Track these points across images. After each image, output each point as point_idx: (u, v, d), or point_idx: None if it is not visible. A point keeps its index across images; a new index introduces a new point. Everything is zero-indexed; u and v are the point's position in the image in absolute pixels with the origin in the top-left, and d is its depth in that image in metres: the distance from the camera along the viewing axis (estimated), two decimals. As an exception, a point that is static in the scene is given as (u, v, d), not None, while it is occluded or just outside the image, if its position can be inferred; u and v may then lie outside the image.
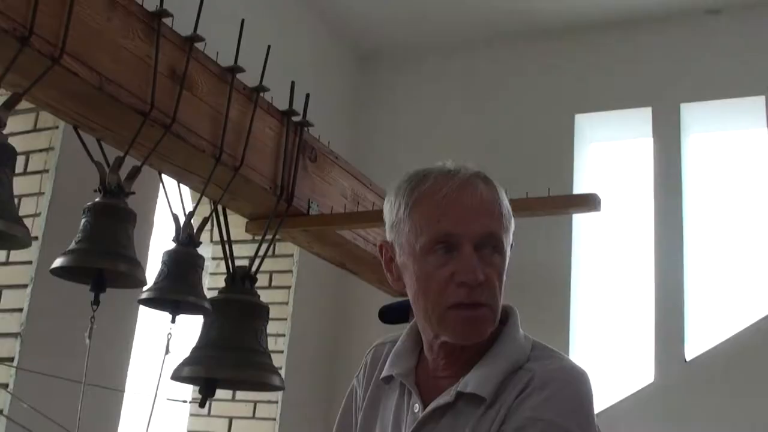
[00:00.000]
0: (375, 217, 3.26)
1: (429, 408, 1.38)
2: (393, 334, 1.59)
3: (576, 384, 1.35)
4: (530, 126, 4.75)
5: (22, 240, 2.00)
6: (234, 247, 2.92)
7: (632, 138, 4.81)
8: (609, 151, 4.88)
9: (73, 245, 2.30)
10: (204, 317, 2.73)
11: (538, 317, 4.23)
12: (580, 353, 4.33)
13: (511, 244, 1.43)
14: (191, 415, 4.33)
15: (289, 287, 4.43)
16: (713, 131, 4.67)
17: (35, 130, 3.11)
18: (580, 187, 4.50)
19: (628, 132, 4.80)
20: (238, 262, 2.89)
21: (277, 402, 4.18)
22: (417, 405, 1.41)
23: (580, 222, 4.50)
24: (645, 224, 4.38)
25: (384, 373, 1.50)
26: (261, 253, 2.86)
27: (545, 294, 4.24)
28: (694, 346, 4.17)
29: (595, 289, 4.53)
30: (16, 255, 2.89)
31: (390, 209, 1.44)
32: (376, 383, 1.53)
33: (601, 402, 4.13)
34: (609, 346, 4.43)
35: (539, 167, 4.46)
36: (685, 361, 4.13)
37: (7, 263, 2.94)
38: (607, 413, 4.01)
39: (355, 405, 1.59)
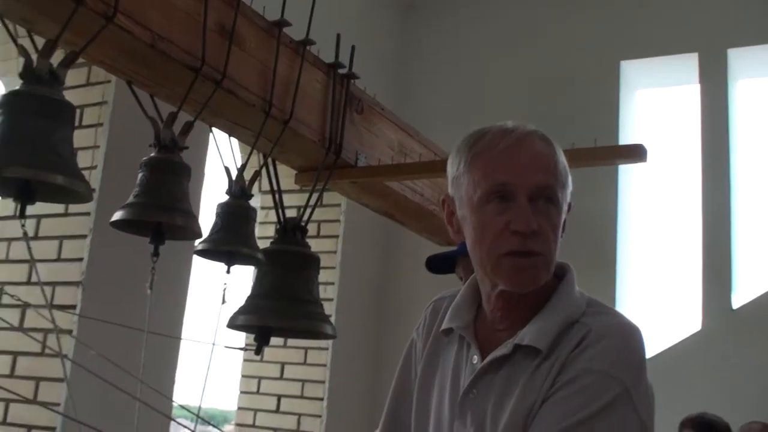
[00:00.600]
0: (422, 168, 3.31)
1: (487, 359, 1.43)
2: (452, 289, 1.63)
3: (630, 339, 1.39)
4: (575, 74, 4.72)
5: (84, 194, 2.08)
6: (283, 197, 2.99)
7: (679, 84, 4.76)
8: (655, 97, 4.84)
9: (131, 199, 2.38)
10: (257, 268, 2.81)
11: (585, 269, 4.26)
12: (627, 303, 4.35)
13: (569, 203, 1.47)
14: (245, 360, 4.48)
15: (337, 236, 4.51)
16: (761, 76, 4.60)
17: (88, 84, 3.19)
18: (626, 134, 4.48)
19: (674, 78, 4.74)
20: (287, 212, 2.96)
21: (327, 348, 4.30)
22: (476, 356, 1.46)
23: (626, 171, 4.49)
24: (692, 172, 4.35)
25: (444, 326, 1.55)
26: (309, 205, 2.92)
27: (592, 246, 4.25)
28: (741, 295, 4.17)
29: (642, 240, 4.52)
30: (75, 206, 3.00)
31: (451, 165, 1.49)
32: (435, 336, 1.58)
33: (648, 350, 4.17)
34: (657, 296, 4.44)
35: (584, 116, 4.44)
36: (732, 309, 4.14)
37: (66, 214, 3.05)
38: (655, 361, 4.04)
39: (415, 357, 1.65)
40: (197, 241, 2.66)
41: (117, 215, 2.39)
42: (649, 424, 1.36)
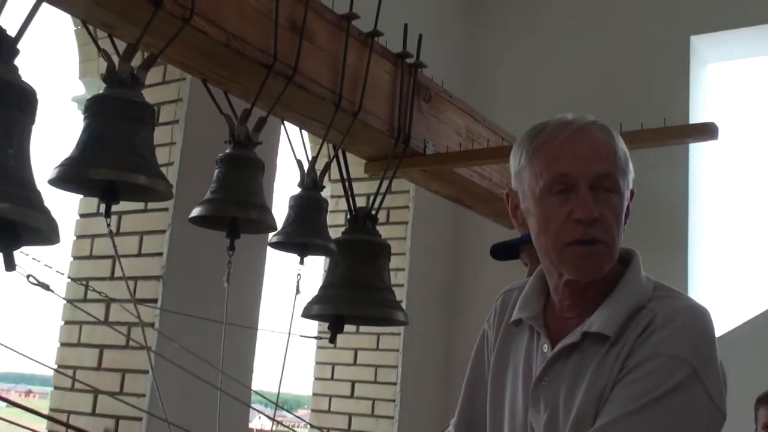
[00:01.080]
0: (490, 154, 3.32)
1: (557, 347, 1.45)
2: (521, 281, 1.66)
3: (698, 322, 1.40)
4: (643, 51, 4.65)
5: (165, 193, 2.15)
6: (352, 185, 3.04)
7: (751, 57, 4.65)
8: (726, 71, 4.74)
9: (208, 195, 2.45)
10: (330, 258, 2.86)
11: (656, 248, 4.25)
12: (699, 283, 4.30)
13: (632, 190, 1.48)
14: (318, 347, 4.55)
15: (406, 222, 4.54)
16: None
17: (164, 82, 3.27)
18: (697, 110, 4.41)
19: (746, 51, 4.64)
20: (356, 201, 3.01)
21: (399, 334, 4.34)
22: (546, 345, 1.49)
23: (698, 148, 4.42)
24: (766, 146, 4.27)
25: (514, 317, 1.58)
26: (379, 196, 2.96)
27: (662, 226, 4.21)
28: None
29: (714, 218, 4.46)
30: (154, 203, 3.09)
31: (513, 160, 1.52)
32: (506, 327, 1.61)
33: (721, 328, 4.11)
34: (730, 276, 4.37)
35: (654, 94, 4.38)
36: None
37: (145, 210, 3.14)
38: (728, 338, 4.00)
39: (487, 348, 1.68)
40: (271, 234, 2.72)
41: (195, 212, 2.46)
42: (721, 404, 1.37)
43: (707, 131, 2.90)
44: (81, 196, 3.28)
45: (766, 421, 2.96)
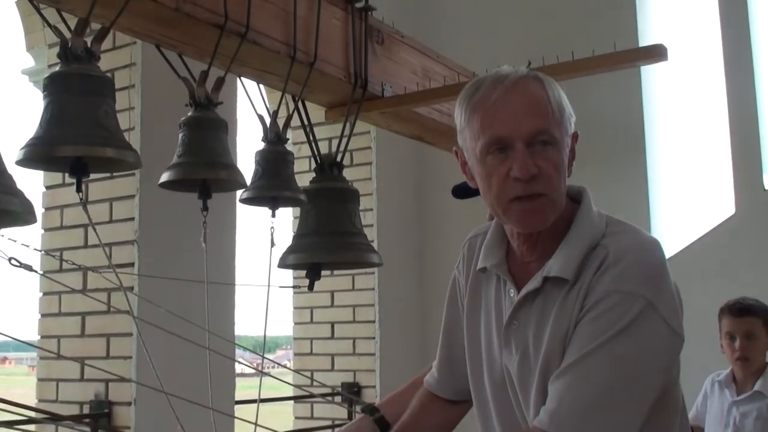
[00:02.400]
0: (447, 92, 3.36)
1: (521, 293, 1.53)
2: (484, 225, 1.73)
3: (648, 255, 1.47)
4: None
5: (134, 163, 2.18)
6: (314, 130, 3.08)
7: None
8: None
9: (176, 159, 2.48)
10: (300, 208, 2.92)
11: (616, 174, 4.35)
12: (660, 195, 4.41)
13: (574, 133, 1.54)
14: (295, 293, 4.63)
15: (370, 163, 4.59)
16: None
17: (114, 48, 3.25)
18: (645, 33, 4.46)
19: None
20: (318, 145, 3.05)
21: (374, 273, 4.43)
22: (512, 290, 1.57)
23: (649, 68, 4.49)
24: (714, 60, 4.34)
25: (479, 266, 1.65)
26: (342, 142, 3.01)
27: (621, 146, 4.30)
28: (772, 175, 4.21)
29: (669, 134, 4.55)
30: (119, 168, 3.11)
31: (456, 117, 1.58)
32: (474, 274, 1.69)
33: (682, 240, 4.25)
34: (688, 186, 4.49)
35: (603, 20, 4.42)
36: (765, 189, 4.19)
37: (112, 177, 3.15)
38: (690, 250, 4.14)
39: (459, 293, 1.76)
40: (241, 190, 2.77)
41: (164, 176, 2.49)
42: (679, 329, 1.45)
43: (657, 53, 2.96)
44: (44, 168, 3.29)
45: (728, 330, 3.07)
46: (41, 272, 2.05)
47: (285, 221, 4.56)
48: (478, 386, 1.66)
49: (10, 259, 1.92)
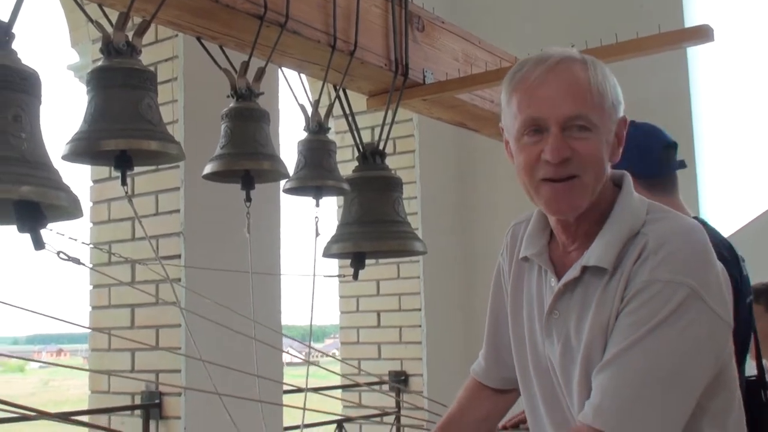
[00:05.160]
0: (489, 77, 3.32)
1: (560, 283, 1.51)
2: (528, 213, 1.71)
3: (689, 241, 1.43)
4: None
5: (178, 155, 2.19)
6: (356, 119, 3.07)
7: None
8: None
9: (219, 150, 2.49)
10: (344, 197, 2.91)
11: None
12: (709, 181, 4.33)
13: (623, 118, 1.51)
14: (341, 282, 4.64)
15: (412, 151, 4.58)
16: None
17: (157, 41, 3.28)
18: (690, 13, 4.37)
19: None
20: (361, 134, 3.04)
21: (419, 261, 4.42)
22: (553, 279, 1.55)
23: (695, 53, 4.40)
24: (763, 42, 4.24)
25: (521, 254, 1.64)
26: (384, 131, 2.99)
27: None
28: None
29: (718, 117, 4.46)
30: (164, 162, 3.14)
31: (501, 98, 1.56)
32: (517, 262, 1.67)
33: (735, 223, 4.16)
34: (738, 171, 4.40)
35: (647, 3, 4.34)
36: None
37: (157, 170, 3.19)
38: (742, 233, 4.06)
39: (504, 281, 1.74)
40: (284, 181, 2.77)
41: (208, 168, 2.50)
42: (725, 315, 1.41)
43: (702, 34, 2.89)
44: (91, 163, 3.34)
45: None
46: (89, 265, 2.07)
47: (329, 211, 4.58)
48: (525, 375, 1.65)
49: (58, 253, 1.95)
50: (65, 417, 2.73)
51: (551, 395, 1.57)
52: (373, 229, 2.85)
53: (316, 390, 3.40)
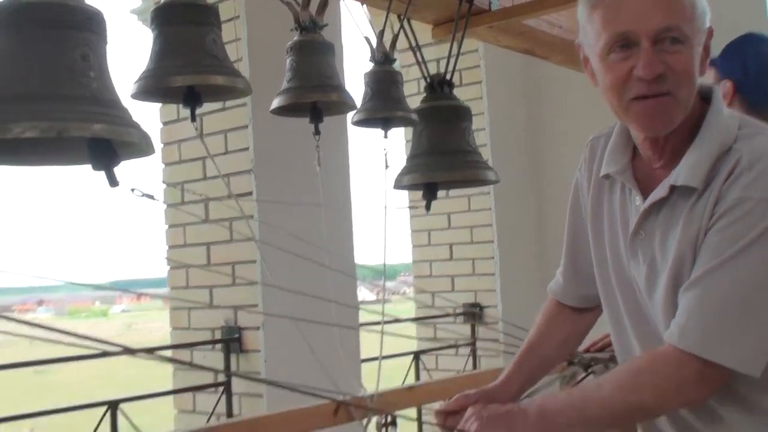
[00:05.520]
0: (558, 2, 3.22)
1: (647, 202, 1.46)
2: (607, 127, 1.65)
3: None
4: None
5: (245, 89, 2.19)
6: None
7: None
8: None
9: (285, 84, 2.48)
10: (413, 128, 2.88)
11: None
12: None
13: (709, 29, 1.43)
14: (412, 216, 4.64)
15: (479, 82, 4.51)
16: None
17: (217, -21, 3.26)
18: None
19: None
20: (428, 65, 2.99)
21: (489, 192, 4.38)
22: (637, 199, 1.50)
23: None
24: None
25: (602, 172, 1.58)
26: (450, 61, 2.94)
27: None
28: None
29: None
30: (231, 100, 3.14)
31: (579, 13, 1.49)
32: (596, 179, 1.62)
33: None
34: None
35: None
36: None
37: (224, 109, 3.20)
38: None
39: (582, 198, 1.70)
40: (352, 113, 2.75)
41: (275, 102, 2.49)
42: None
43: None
44: (160, 105, 3.37)
45: None
46: (162, 201, 2.10)
47: (397, 145, 4.56)
48: (608, 292, 1.62)
49: (132, 189, 1.97)
50: (149, 352, 2.81)
51: (636, 310, 1.54)
52: (444, 159, 2.82)
53: (392, 322, 3.43)
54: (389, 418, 3.67)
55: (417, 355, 4.26)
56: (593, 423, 1.45)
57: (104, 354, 2.67)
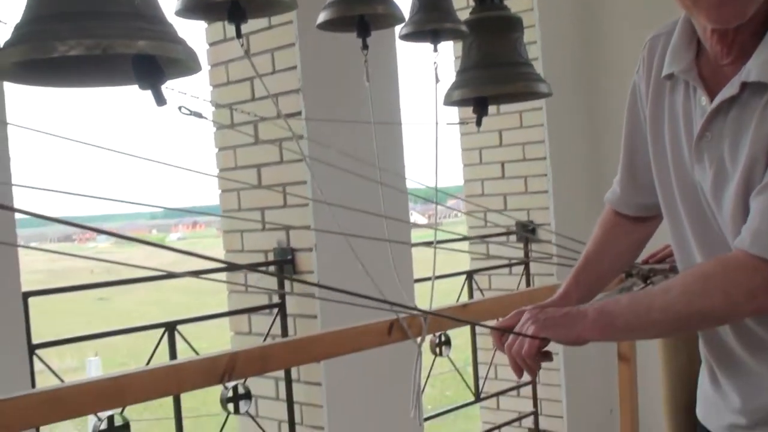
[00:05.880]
0: None
1: (715, 102, 1.39)
2: (667, 24, 1.57)
3: None
4: None
5: (290, 3, 2.14)
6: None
7: None
8: None
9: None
10: (462, 42, 2.80)
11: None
12: None
13: None
14: (463, 135, 4.58)
15: (530, -8, 4.37)
16: None
17: None
18: None
19: None
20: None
21: (541, 108, 4.29)
22: (704, 98, 1.42)
23: None
24: None
25: (664, 72, 1.50)
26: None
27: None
28: None
29: None
30: (276, 19, 3.09)
31: None
32: (656, 80, 1.54)
33: None
34: None
35: None
36: None
37: (270, 27, 3.15)
38: None
39: (640, 101, 1.63)
40: (400, 27, 2.68)
41: (321, 17, 2.44)
42: None
43: None
44: (206, 26, 3.33)
45: None
46: (210, 119, 2.07)
47: (447, 61, 4.46)
48: (669, 200, 1.56)
49: (180, 108, 1.95)
50: (205, 274, 2.84)
51: (700, 219, 1.48)
52: (495, 72, 2.75)
53: (444, 241, 3.41)
54: (443, 337, 3.69)
55: (470, 275, 4.24)
56: (655, 328, 1.41)
57: (168, 276, 2.72)
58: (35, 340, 2.43)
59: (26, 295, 2.40)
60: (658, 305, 1.37)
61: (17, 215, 2.34)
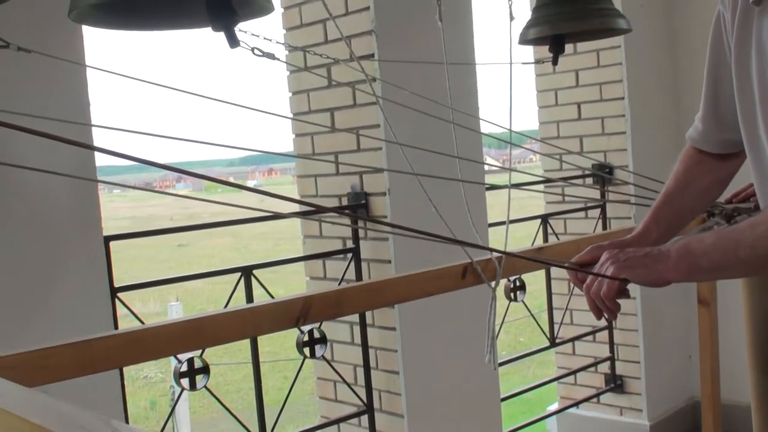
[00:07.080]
0: None
1: None
2: None
3: None
4: None
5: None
6: None
7: None
8: None
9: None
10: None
11: None
12: None
13: None
14: (537, 76, 4.48)
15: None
16: None
17: None
18: None
19: None
20: None
21: (619, 46, 4.16)
22: None
23: None
24: None
25: None
26: None
27: None
28: None
29: None
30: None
31: None
32: (743, 7, 1.46)
33: None
34: None
35: None
36: None
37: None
38: None
39: (725, 31, 1.55)
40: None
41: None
42: None
43: None
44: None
45: None
46: (283, 60, 2.06)
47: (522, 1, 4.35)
48: (753, 138, 1.49)
49: (253, 49, 1.94)
50: (284, 217, 2.86)
51: None
52: (572, 8, 2.67)
53: (519, 184, 3.36)
54: (518, 282, 3.66)
55: (545, 219, 4.19)
56: (742, 266, 1.35)
57: (244, 221, 2.76)
58: (117, 284, 2.48)
59: (107, 239, 2.45)
60: (746, 242, 1.31)
61: (98, 163, 2.39)
